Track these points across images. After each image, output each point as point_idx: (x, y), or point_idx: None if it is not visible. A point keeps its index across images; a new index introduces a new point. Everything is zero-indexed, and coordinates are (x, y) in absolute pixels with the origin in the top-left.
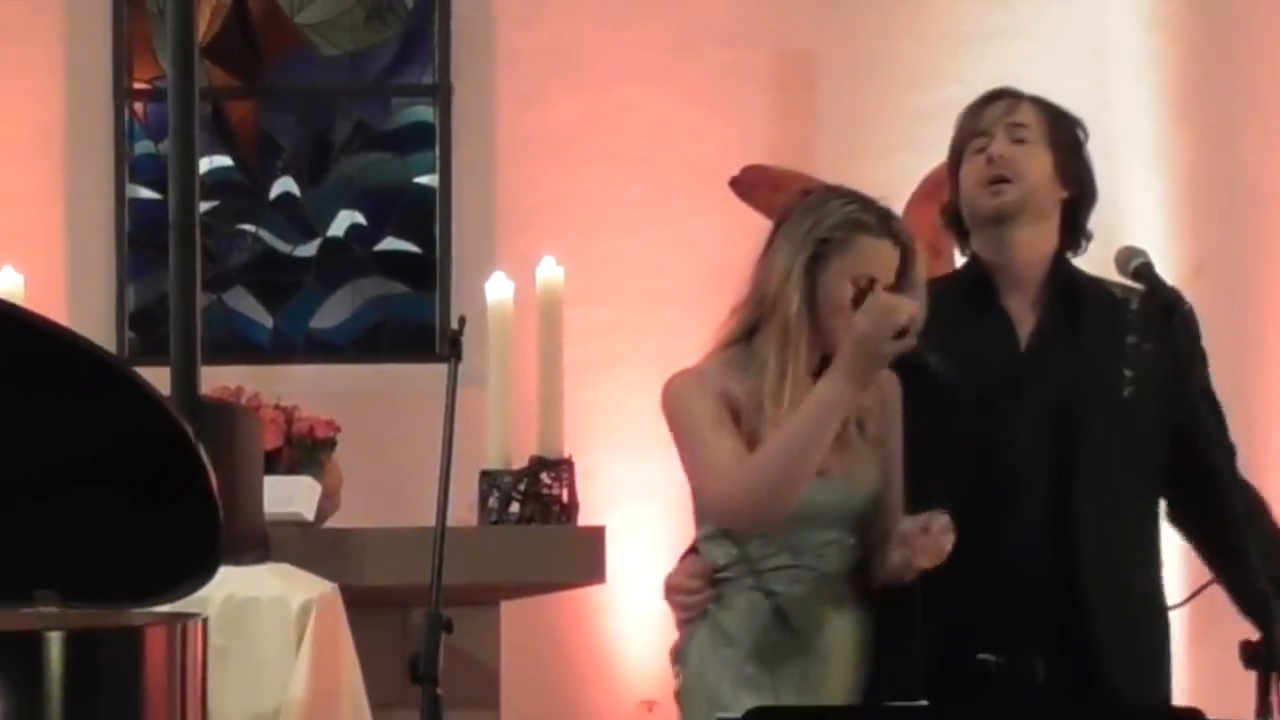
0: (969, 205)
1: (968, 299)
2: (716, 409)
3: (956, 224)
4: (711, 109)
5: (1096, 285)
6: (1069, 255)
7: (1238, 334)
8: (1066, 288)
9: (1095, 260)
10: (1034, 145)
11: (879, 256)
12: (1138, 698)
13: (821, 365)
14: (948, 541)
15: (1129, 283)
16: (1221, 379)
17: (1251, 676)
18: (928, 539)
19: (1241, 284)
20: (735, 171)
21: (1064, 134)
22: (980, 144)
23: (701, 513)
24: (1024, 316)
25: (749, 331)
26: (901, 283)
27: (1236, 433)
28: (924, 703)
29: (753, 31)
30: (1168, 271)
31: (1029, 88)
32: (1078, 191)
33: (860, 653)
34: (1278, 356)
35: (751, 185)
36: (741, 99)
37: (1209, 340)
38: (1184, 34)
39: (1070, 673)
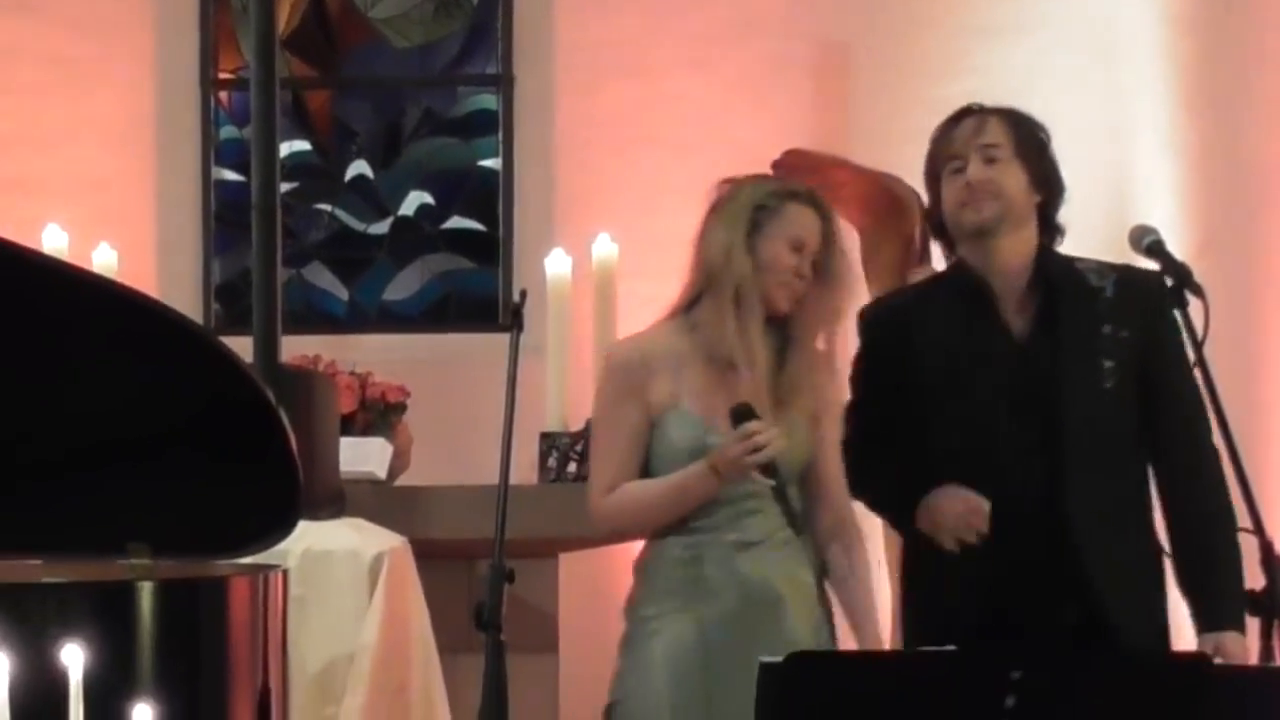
0: (952, 223)
1: (961, 300)
2: (619, 418)
3: (942, 232)
4: (755, 97)
5: (1074, 277)
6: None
7: (1241, 307)
8: (1048, 285)
9: (1110, 237)
10: (1006, 163)
11: (807, 222)
12: (1140, 636)
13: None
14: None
15: (1105, 264)
16: (1224, 350)
17: (1255, 623)
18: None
19: (1245, 260)
20: (777, 155)
21: (1031, 142)
22: (955, 165)
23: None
24: (1013, 316)
25: (690, 304)
26: (827, 251)
27: (1237, 403)
28: (952, 647)
29: (793, 24)
30: (1177, 248)
31: (1046, 78)
32: (1049, 192)
33: (807, 594)
34: (1278, 329)
35: (792, 168)
36: (782, 87)
37: (1217, 316)
38: (1193, 28)
39: (1083, 621)
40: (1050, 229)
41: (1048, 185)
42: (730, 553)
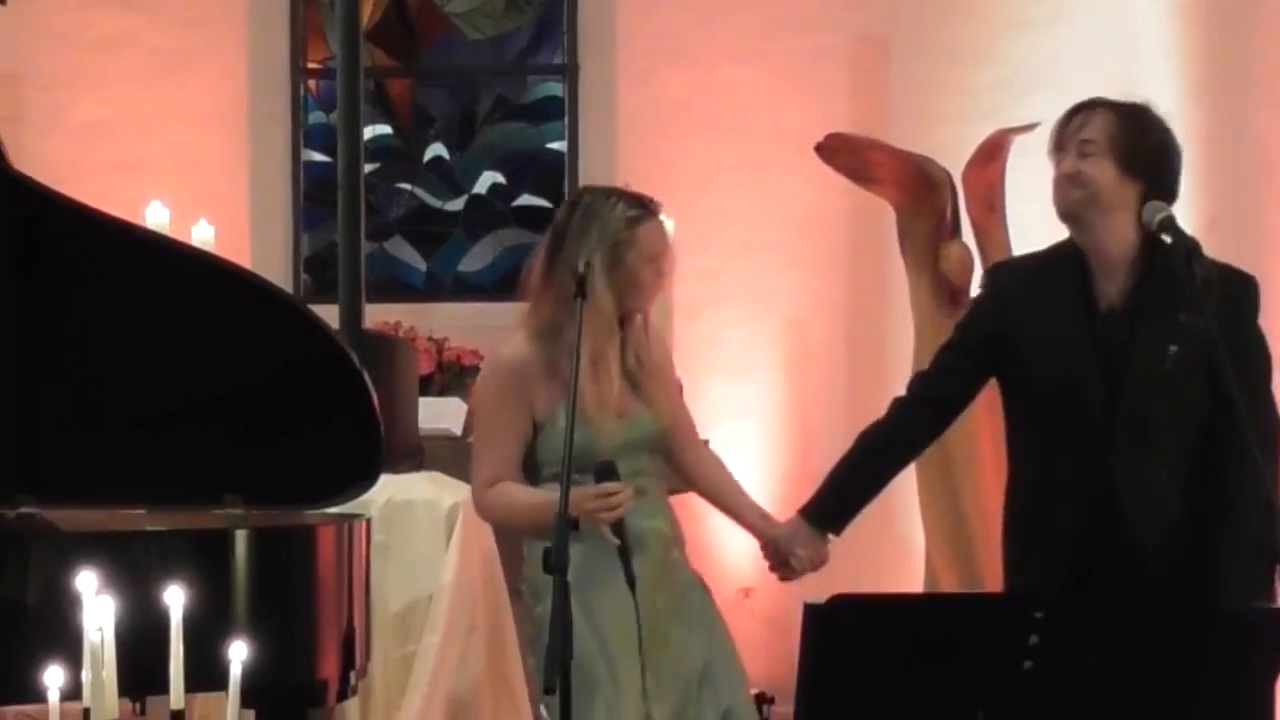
0: (1053, 205)
1: (1063, 268)
2: (504, 418)
3: None
4: (799, 85)
5: (1169, 266)
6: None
7: None
8: (1144, 271)
9: None
10: (1098, 157)
11: (658, 234)
12: (1185, 592)
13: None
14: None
15: (1206, 260)
16: None
17: None
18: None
19: (1249, 235)
20: (819, 138)
21: (1128, 137)
22: (1060, 157)
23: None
24: (1104, 290)
25: (557, 322)
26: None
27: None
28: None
29: (834, 18)
30: (1186, 223)
31: (1068, 68)
32: (1151, 183)
33: (674, 547)
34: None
35: (833, 150)
36: (825, 76)
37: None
38: (1203, 21)
39: (1119, 581)
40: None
41: (1147, 176)
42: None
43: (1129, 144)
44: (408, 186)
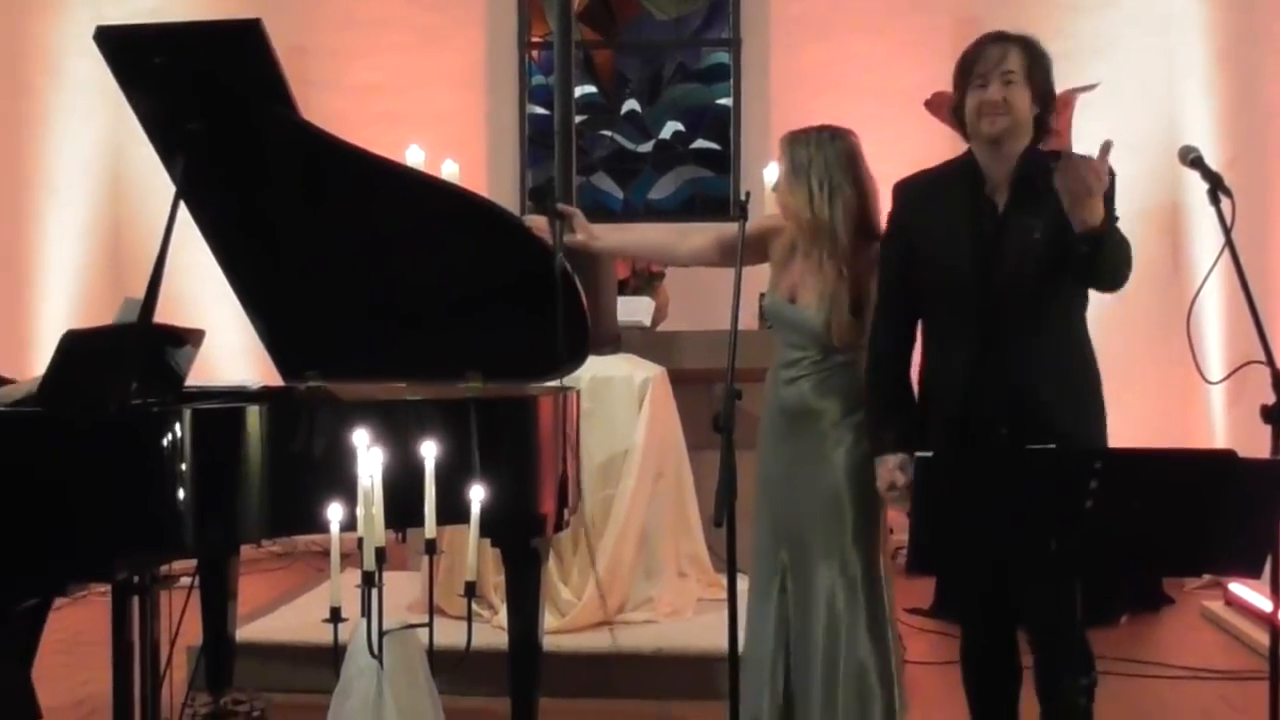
0: (971, 128)
1: (961, 181)
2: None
3: (960, 124)
4: (911, 55)
5: (1037, 168)
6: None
7: (1257, 208)
8: (1025, 175)
9: (1164, 154)
10: (1019, 85)
11: None
12: (1081, 438)
13: None
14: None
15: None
16: (1246, 234)
17: (1268, 429)
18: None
19: (1261, 172)
20: (927, 96)
21: (1038, 68)
22: (980, 82)
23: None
24: (996, 194)
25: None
26: None
27: (1254, 270)
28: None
29: (939, 2)
30: (1213, 161)
31: (1119, 40)
32: (1045, 106)
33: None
34: None
35: (938, 105)
36: (931, 47)
37: (1241, 211)
38: (1226, 5)
39: (1029, 429)
40: (1041, 131)
41: (1045, 100)
42: (778, 382)
43: (1037, 75)
44: (608, 133)
